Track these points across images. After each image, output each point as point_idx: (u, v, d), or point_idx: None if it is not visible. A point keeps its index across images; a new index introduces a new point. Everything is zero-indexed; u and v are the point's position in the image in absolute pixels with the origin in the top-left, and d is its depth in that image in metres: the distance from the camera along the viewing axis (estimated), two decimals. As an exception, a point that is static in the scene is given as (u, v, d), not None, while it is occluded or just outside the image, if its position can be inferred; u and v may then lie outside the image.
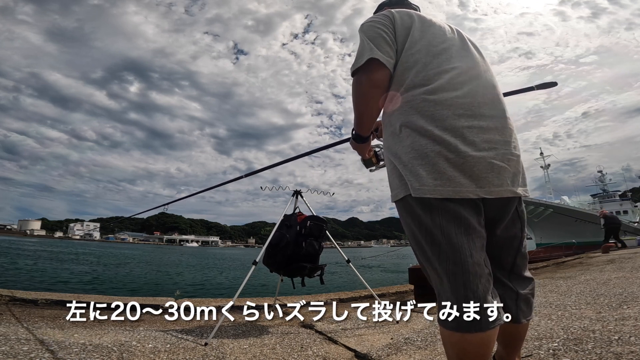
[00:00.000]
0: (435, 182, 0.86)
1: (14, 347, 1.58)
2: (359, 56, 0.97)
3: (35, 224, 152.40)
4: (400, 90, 0.96)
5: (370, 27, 1.01)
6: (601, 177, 31.18)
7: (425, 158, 0.87)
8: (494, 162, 0.88)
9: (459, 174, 0.85)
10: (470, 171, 0.86)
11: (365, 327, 2.35)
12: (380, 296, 2.93)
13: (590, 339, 1.62)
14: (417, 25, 1.01)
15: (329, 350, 1.83)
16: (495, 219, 0.94)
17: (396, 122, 0.96)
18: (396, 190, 0.97)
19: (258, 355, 1.75)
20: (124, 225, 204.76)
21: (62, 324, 2.20)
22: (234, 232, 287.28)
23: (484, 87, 0.96)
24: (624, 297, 2.57)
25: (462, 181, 0.85)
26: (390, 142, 0.99)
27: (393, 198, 1.00)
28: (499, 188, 0.89)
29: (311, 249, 2.58)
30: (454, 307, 0.84)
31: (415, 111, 0.91)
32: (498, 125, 0.92)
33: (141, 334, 2.03)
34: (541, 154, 29.49)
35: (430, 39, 0.99)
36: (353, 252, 41.82)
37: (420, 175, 0.87)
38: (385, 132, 1.04)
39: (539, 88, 1.63)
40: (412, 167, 0.89)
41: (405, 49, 0.97)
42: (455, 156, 0.86)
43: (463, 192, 0.85)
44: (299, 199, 2.85)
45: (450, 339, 0.86)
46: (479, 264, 0.85)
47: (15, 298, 2.70)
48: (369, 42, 0.96)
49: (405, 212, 0.95)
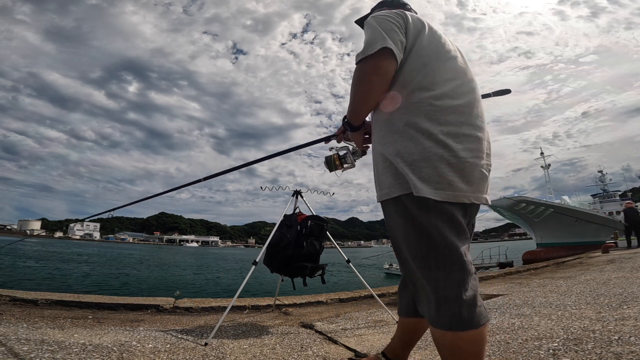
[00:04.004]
0: (437, 185, 0.88)
1: (14, 347, 1.58)
2: (371, 43, 0.96)
3: (35, 224, 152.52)
4: (406, 90, 0.97)
5: (384, 19, 1.00)
6: (601, 177, 31.19)
7: (429, 160, 0.89)
8: (482, 171, 0.95)
9: (458, 179, 0.90)
10: (468, 177, 0.91)
11: (365, 327, 2.35)
12: (380, 296, 2.93)
13: (590, 339, 1.62)
14: (427, 31, 1.03)
15: (329, 350, 1.83)
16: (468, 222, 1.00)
17: (399, 121, 0.96)
18: (389, 188, 0.97)
19: (258, 355, 1.75)
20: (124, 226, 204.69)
21: (62, 324, 2.20)
22: (234, 232, 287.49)
23: (477, 100, 1.02)
24: (624, 297, 2.57)
25: (460, 186, 0.90)
26: (388, 140, 0.99)
27: (383, 197, 0.99)
28: (483, 195, 0.96)
29: (312, 249, 2.58)
30: (448, 306, 0.85)
31: (422, 113, 0.93)
32: (485, 137, 0.99)
33: (141, 334, 2.03)
34: (542, 154, 29.49)
35: (438, 47, 1.02)
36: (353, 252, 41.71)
37: (423, 176, 0.89)
38: (382, 129, 1.03)
39: (495, 95, 1.69)
40: (415, 167, 0.90)
41: (414, 51, 0.99)
42: (456, 161, 0.90)
43: (460, 196, 0.90)
44: (299, 199, 2.85)
45: (444, 339, 0.87)
46: (471, 263, 0.90)
47: (15, 298, 2.71)
48: (382, 32, 0.96)
49: (398, 211, 0.95)
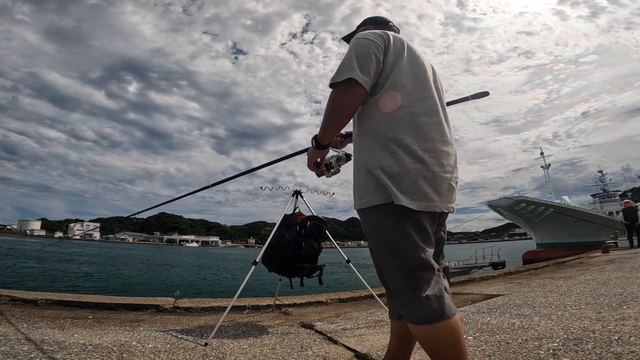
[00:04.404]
0: (414, 196, 1.00)
1: (14, 347, 1.58)
2: (340, 71, 1.05)
3: (35, 224, 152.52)
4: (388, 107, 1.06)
5: (363, 44, 1.09)
6: (601, 177, 31.18)
7: (408, 174, 1.01)
8: (451, 184, 1.08)
9: (431, 191, 1.02)
10: (439, 189, 1.04)
11: (365, 327, 2.35)
12: (380, 296, 2.93)
13: (590, 339, 1.62)
14: (407, 53, 1.13)
15: (329, 350, 1.83)
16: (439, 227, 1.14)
17: (382, 136, 1.06)
18: (369, 197, 1.06)
19: (258, 355, 1.75)
20: (124, 226, 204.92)
21: (62, 324, 2.20)
22: (234, 232, 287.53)
23: (447, 118, 1.14)
24: (624, 297, 2.57)
25: (433, 197, 1.03)
26: (372, 153, 1.07)
27: (363, 204, 1.08)
28: (451, 204, 1.10)
29: (310, 249, 2.58)
30: (420, 301, 0.96)
31: (403, 129, 1.04)
32: (453, 152, 1.12)
33: (141, 334, 2.03)
34: (542, 154, 29.50)
35: (416, 68, 1.13)
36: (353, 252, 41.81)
37: (402, 187, 1.00)
38: (366, 141, 1.10)
39: (473, 98, 1.73)
40: (395, 180, 1.01)
41: (394, 71, 1.09)
42: (431, 175, 1.03)
43: (433, 206, 1.03)
44: (299, 199, 2.85)
45: (422, 332, 0.96)
46: (434, 263, 1.03)
47: (15, 298, 2.71)
48: (354, 59, 1.05)
49: (376, 218, 1.06)
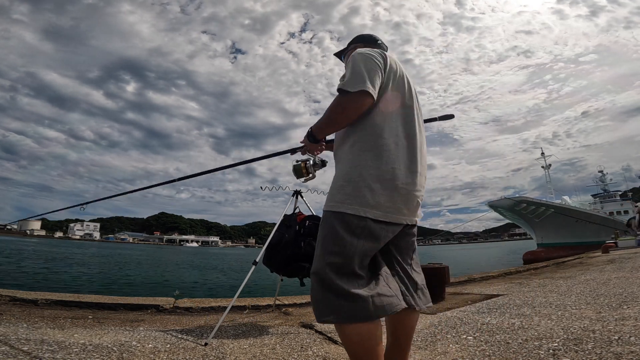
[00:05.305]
0: (388, 209, 1.09)
1: (14, 347, 1.58)
2: (353, 81, 1.09)
3: (35, 224, 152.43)
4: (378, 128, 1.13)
5: (368, 59, 1.15)
6: (602, 177, 31.19)
7: (386, 189, 1.09)
8: (418, 200, 1.19)
9: (403, 206, 1.13)
10: (409, 205, 1.14)
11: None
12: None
13: (590, 339, 1.62)
14: (398, 75, 1.21)
15: (329, 350, 1.83)
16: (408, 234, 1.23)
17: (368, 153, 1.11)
18: (339, 203, 1.10)
19: (258, 355, 1.75)
20: (124, 226, 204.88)
21: (62, 324, 2.20)
22: (234, 232, 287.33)
23: (423, 139, 1.25)
24: (624, 297, 2.57)
25: (404, 211, 1.14)
26: (356, 164, 1.12)
27: (333, 207, 1.12)
28: (417, 218, 1.22)
29: (310, 249, 2.57)
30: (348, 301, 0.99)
31: (385, 151, 1.11)
32: (424, 174, 1.22)
33: (141, 334, 2.03)
34: (542, 154, 29.50)
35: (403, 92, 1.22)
36: (353, 252, 41.47)
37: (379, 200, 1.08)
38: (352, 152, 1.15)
39: (440, 119, 1.81)
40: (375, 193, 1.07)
41: (389, 89, 1.18)
42: (405, 192, 1.12)
43: (403, 219, 1.14)
44: (299, 199, 2.85)
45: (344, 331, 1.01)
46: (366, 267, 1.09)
47: (15, 298, 2.71)
48: (366, 72, 1.11)
49: (337, 219, 1.09)
